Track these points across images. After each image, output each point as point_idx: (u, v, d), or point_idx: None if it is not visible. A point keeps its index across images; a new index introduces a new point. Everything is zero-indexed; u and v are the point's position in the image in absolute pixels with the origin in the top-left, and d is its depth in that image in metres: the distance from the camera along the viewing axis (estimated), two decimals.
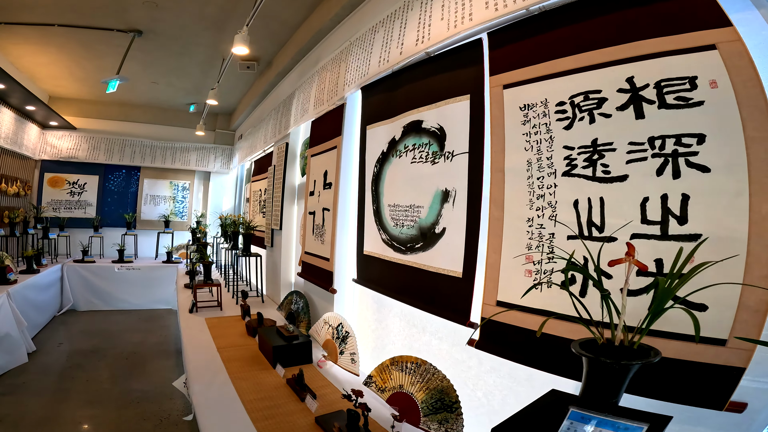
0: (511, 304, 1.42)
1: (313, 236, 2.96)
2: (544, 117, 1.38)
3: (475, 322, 1.61)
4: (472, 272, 1.63)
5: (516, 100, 1.47)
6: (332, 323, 2.48)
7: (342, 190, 2.63)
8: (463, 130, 1.72)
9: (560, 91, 1.33)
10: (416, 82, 2.06)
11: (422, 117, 1.98)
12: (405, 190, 2.05)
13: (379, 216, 2.26)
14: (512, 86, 1.49)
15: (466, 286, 1.64)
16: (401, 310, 2.21)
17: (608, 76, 1.20)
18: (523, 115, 1.44)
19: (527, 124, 1.43)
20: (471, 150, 1.68)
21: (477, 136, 1.65)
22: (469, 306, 1.63)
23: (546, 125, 1.37)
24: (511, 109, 1.48)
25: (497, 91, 1.54)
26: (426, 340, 2.04)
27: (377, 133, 2.34)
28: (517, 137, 1.45)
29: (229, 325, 3.10)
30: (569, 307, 1.21)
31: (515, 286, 1.42)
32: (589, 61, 1.25)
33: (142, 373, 3.94)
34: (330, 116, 2.89)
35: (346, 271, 2.68)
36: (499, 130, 1.51)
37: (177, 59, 5.02)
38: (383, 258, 2.21)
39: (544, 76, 1.38)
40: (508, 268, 1.45)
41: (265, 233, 4.37)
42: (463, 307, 1.65)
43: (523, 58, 1.45)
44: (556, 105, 1.34)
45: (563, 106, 1.32)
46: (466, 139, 1.70)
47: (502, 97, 1.51)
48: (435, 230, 1.84)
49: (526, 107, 1.43)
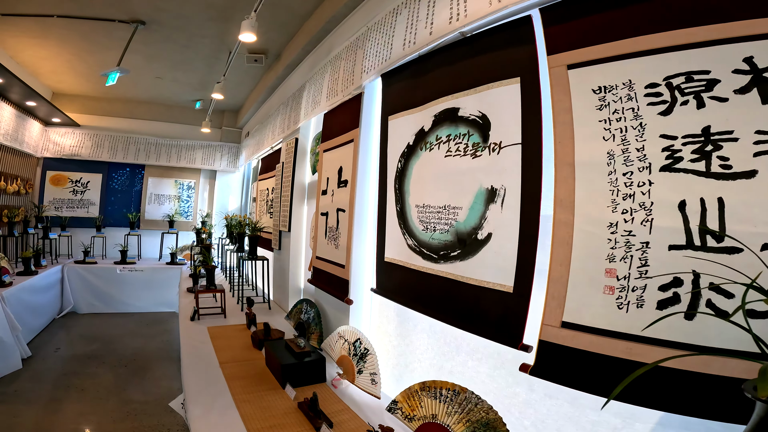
0: (584, 326, 1.16)
1: (325, 240, 2.70)
2: (629, 101, 1.11)
3: (529, 345, 1.35)
4: (527, 287, 1.35)
5: (587, 82, 1.20)
6: (348, 338, 2.22)
7: (359, 188, 2.37)
8: (513, 117, 1.45)
9: (650, 71, 1.07)
10: (449, 65, 1.80)
11: (458, 104, 1.71)
12: (437, 188, 1.78)
13: (404, 218, 2.00)
14: (580, 66, 1.23)
15: (519, 303, 1.37)
16: (430, 325, 1.94)
17: (718, 55, 0.95)
18: (598, 98, 1.17)
19: (605, 108, 1.16)
20: (525, 140, 1.41)
21: (532, 124, 1.38)
22: (522, 326, 1.36)
23: (633, 110, 1.10)
24: (580, 92, 1.22)
25: (559, 72, 1.27)
26: (461, 360, 1.78)
27: (401, 123, 2.08)
28: (592, 124, 1.18)
29: (233, 336, 2.85)
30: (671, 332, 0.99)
31: (589, 304, 1.15)
32: (690, 39, 0.99)
33: (141, 382, 3.71)
34: (345, 107, 2.64)
35: (363, 279, 2.42)
36: (564, 116, 1.24)
37: (182, 52, 4.80)
38: (409, 266, 1.95)
39: (627, 55, 1.12)
40: (579, 283, 1.18)
41: (272, 235, 4.12)
42: (514, 328, 1.38)
43: (595, 35, 1.20)
44: (645, 87, 1.08)
45: (656, 88, 1.06)
46: (518, 128, 1.43)
47: (567, 79, 1.25)
48: (477, 236, 1.57)
49: (602, 90, 1.17)
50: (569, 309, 1.20)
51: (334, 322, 2.63)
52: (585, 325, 1.16)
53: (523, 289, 1.37)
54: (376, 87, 2.53)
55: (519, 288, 1.38)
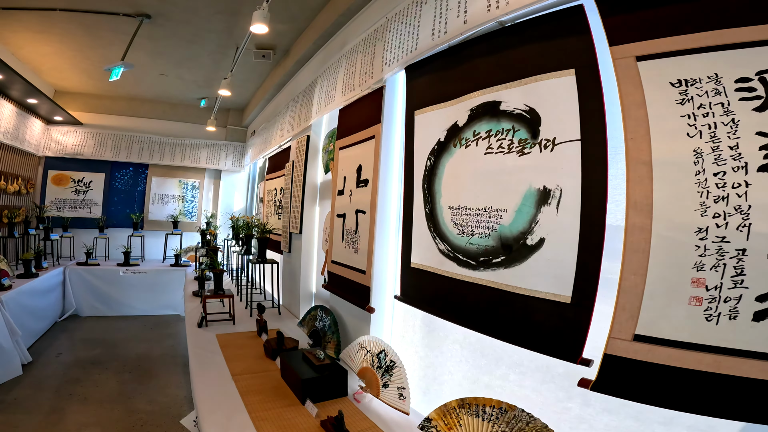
0: (662, 340, 1.04)
1: (342, 243, 2.54)
2: (716, 95, 0.98)
3: (589, 359, 1.22)
4: (589, 297, 1.21)
5: (663, 75, 1.07)
6: (372, 349, 2.07)
7: (382, 188, 2.21)
8: (569, 111, 1.31)
9: (740, 65, 0.94)
10: (488, 55, 1.65)
11: (499, 97, 1.56)
12: (476, 188, 1.63)
13: (435, 221, 1.84)
14: (652, 58, 1.10)
15: (579, 315, 1.24)
16: (464, 336, 1.79)
17: None
18: (678, 92, 1.03)
19: (688, 103, 1.02)
20: (584, 137, 1.26)
21: (594, 119, 1.25)
22: (582, 340, 1.23)
23: (722, 105, 0.97)
24: (656, 86, 1.08)
25: (626, 64, 1.14)
26: (501, 373, 1.63)
27: (430, 118, 1.93)
28: (673, 120, 1.04)
29: (244, 344, 2.70)
30: None
31: (669, 316, 1.03)
32: None
33: (146, 390, 3.56)
34: (364, 102, 2.48)
35: (385, 286, 2.27)
36: (637, 111, 1.10)
37: (187, 48, 4.65)
38: (440, 273, 1.79)
39: (709, 48, 0.99)
40: (657, 293, 1.04)
41: (282, 237, 3.97)
42: (572, 341, 1.25)
43: (668, 26, 1.07)
44: (735, 81, 0.95)
45: (749, 82, 0.93)
46: (576, 123, 1.29)
47: (637, 71, 1.12)
48: (526, 241, 1.42)
49: (682, 83, 1.03)
50: (644, 321, 1.08)
51: (352, 331, 2.48)
52: (663, 338, 1.05)
53: (584, 300, 1.24)
54: (397, 80, 2.38)
55: (579, 298, 1.25)
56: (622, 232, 1.12)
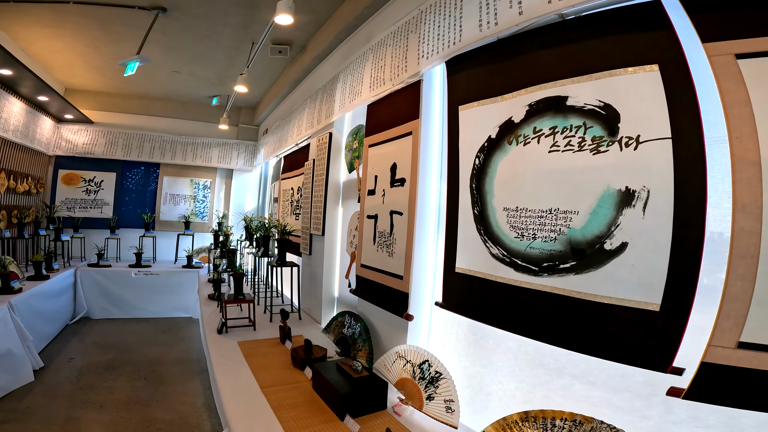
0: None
1: (374, 246, 2.39)
2: None
3: (681, 367, 1.13)
4: (684, 305, 1.12)
5: None
6: (413, 359, 1.92)
7: (421, 188, 2.06)
8: (655, 108, 1.20)
9: None
10: (549, 48, 1.52)
11: (565, 92, 1.43)
12: (539, 188, 1.48)
13: (485, 223, 1.69)
14: (755, 56, 1.01)
15: (670, 323, 1.14)
16: (518, 344, 1.65)
17: None
18: None
19: None
20: (676, 135, 1.15)
21: (686, 116, 1.14)
22: (674, 349, 1.13)
23: None
24: (759, 84, 1.00)
25: (725, 61, 1.06)
26: (564, 384, 1.50)
27: (478, 114, 1.78)
28: None
29: (269, 352, 2.56)
30: None
31: None
32: None
33: (164, 396, 3.43)
34: (398, 97, 2.34)
35: (423, 292, 2.12)
36: (741, 109, 1.02)
37: (202, 43, 4.53)
38: (493, 279, 1.64)
39: None
40: None
41: (301, 238, 3.83)
42: (661, 350, 1.15)
43: None
44: None
45: None
46: (664, 120, 1.18)
47: (738, 69, 1.04)
48: (604, 245, 1.27)
49: None
50: (751, 329, 1.01)
51: (385, 339, 2.33)
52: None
53: (677, 308, 1.14)
54: (434, 74, 2.24)
55: (671, 306, 1.15)
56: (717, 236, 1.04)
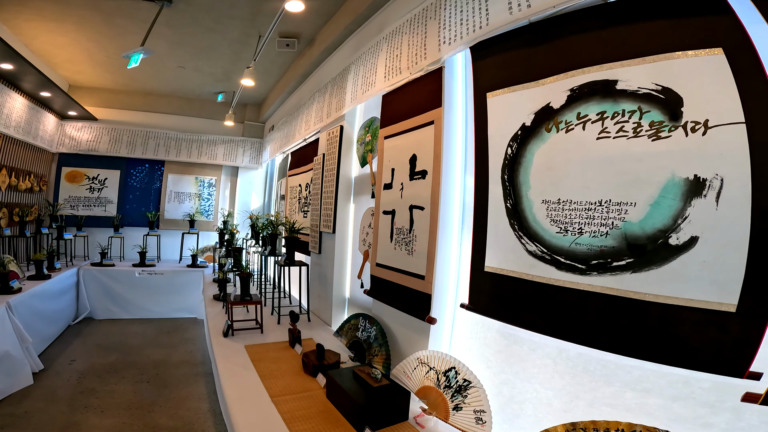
0: None
1: (392, 244, 2.24)
2: None
3: (758, 372, 1.01)
4: (764, 304, 0.99)
5: None
6: (436, 366, 1.76)
7: (444, 180, 1.91)
8: (722, 92, 1.08)
9: None
10: (592, 31, 1.39)
11: (614, 75, 1.30)
12: (586, 178, 1.33)
13: (520, 217, 1.54)
14: None
15: (748, 325, 1.02)
16: (559, 350, 1.49)
17: None
18: None
19: None
20: (750, 119, 1.03)
21: (759, 100, 1.02)
22: (752, 352, 1.02)
23: None
24: None
25: None
26: (613, 391, 1.35)
27: (509, 101, 1.63)
28: None
29: (278, 357, 2.41)
30: None
31: None
32: None
33: (167, 401, 3.30)
34: (417, 85, 2.19)
35: (446, 293, 1.96)
36: None
37: (208, 36, 4.40)
38: (530, 279, 1.49)
39: None
40: None
41: (310, 237, 3.68)
42: (737, 354, 1.04)
43: None
44: None
45: None
46: (735, 105, 1.05)
47: None
48: (669, 240, 1.12)
49: None
50: None
51: (403, 344, 2.17)
52: None
53: (756, 308, 1.00)
54: (456, 61, 2.09)
55: (749, 307, 1.01)
56: None
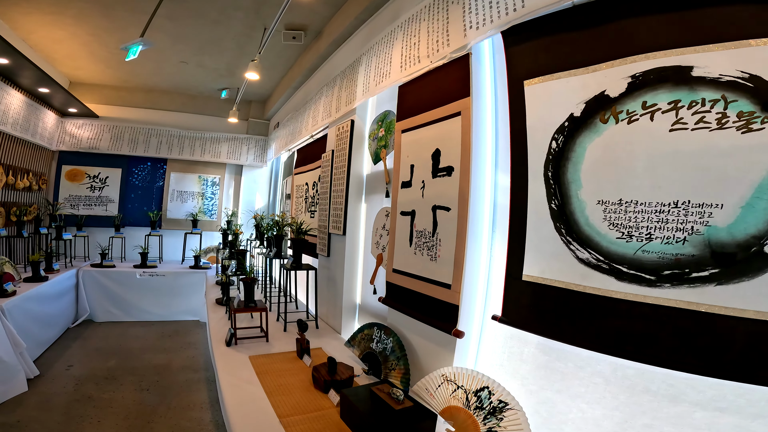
0: None
1: (411, 248, 2.05)
2: None
3: None
4: None
5: None
6: (465, 384, 1.57)
7: (474, 177, 1.71)
8: None
9: None
10: (654, 14, 1.20)
11: (687, 61, 1.12)
12: (657, 175, 1.15)
13: (569, 220, 1.34)
14: None
15: None
16: (612, 368, 1.32)
17: None
18: None
19: None
20: None
21: None
22: None
23: None
24: None
25: None
26: (678, 411, 1.18)
27: (551, 90, 1.44)
28: None
29: (285, 370, 2.22)
30: None
31: None
32: None
33: (168, 411, 3.12)
34: (440, 74, 1.99)
35: (475, 303, 1.77)
36: None
37: (211, 30, 4.22)
38: (581, 290, 1.30)
39: None
40: None
41: (318, 238, 3.50)
42: None
43: None
44: None
45: None
46: None
47: None
48: (764, 248, 0.93)
49: None
50: None
51: (424, 358, 1.98)
52: None
53: None
54: (482, 48, 1.89)
55: None
56: None
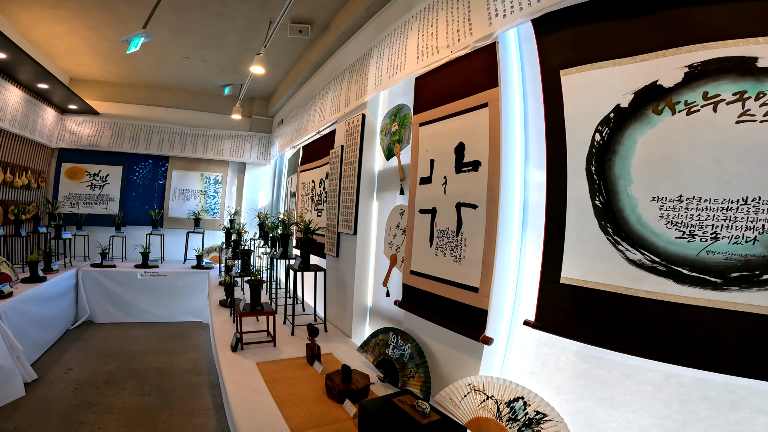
0: None
1: (431, 248, 1.92)
2: None
3: None
4: None
5: None
6: (497, 395, 1.45)
7: (505, 172, 1.58)
8: None
9: None
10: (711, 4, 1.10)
11: (751, 52, 1.05)
12: (723, 170, 1.06)
13: (617, 218, 1.22)
14: None
15: None
16: (665, 375, 1.23)
17: None
18: None
19: None
20: None
21: None
22: None
23: None
24: None
25: None
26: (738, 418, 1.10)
27: (593, 79, 1.33)
28: None
29: (295, 377, 2.09)
30: None
31: None
32: None
33: (171, 418, 3.00)
34: (464, 64, 1.87)
35: (503, 307, 1.64)
36: None
37: (215, 23, 4.10)
38: (632, 294, 1.18)
39: None
40: None
41: (326, 238, 3.37)
42: None
43: None
44: None
45: None
46: None
47: None
48: None
49: None
50: None
51: (446, 365, 1.85)
52: None
53: None
54: (508, 36, 1.77)
55: None
56: None
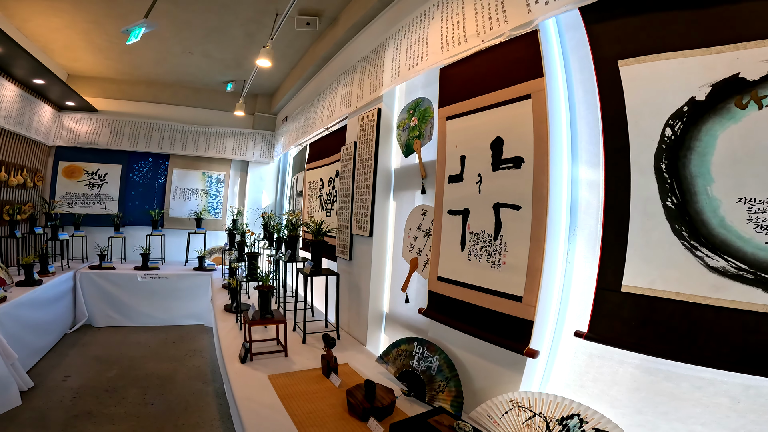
0: None
1: (463, 253, 1.77)
2: None
3: None
4: None
5: None
6: (546, 412, 1.30)
7: (554, 170, 1.43)
8: None
9: None
10: None
11: None
12: None
13: (694, 221, 1.09)
14: None
15: None
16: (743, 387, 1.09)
17: None
18: None
19: None
20: None
21: None
22: None
23: None
24: None
25: None
26: None
27: (659, 71, 1.20)
28: None
29: (311, 392, 1.94)
30: None
31: None
32: None
33: (175, 429, 2.84)
34: (498, 54, 1.73)
35: (548, 318, 1.49)
36: None
37: (219, 15, 3.94)
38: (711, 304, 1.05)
39: None
40: None
41: (337, 240, 3.22)
42: None
43: None
44: None
45: None
46: None
47: None
48: None
49: None
50: None
51: (480, 379, 1.70)
52: None
53: None
54: (548, 25, 1.62)
55: None
56: None
